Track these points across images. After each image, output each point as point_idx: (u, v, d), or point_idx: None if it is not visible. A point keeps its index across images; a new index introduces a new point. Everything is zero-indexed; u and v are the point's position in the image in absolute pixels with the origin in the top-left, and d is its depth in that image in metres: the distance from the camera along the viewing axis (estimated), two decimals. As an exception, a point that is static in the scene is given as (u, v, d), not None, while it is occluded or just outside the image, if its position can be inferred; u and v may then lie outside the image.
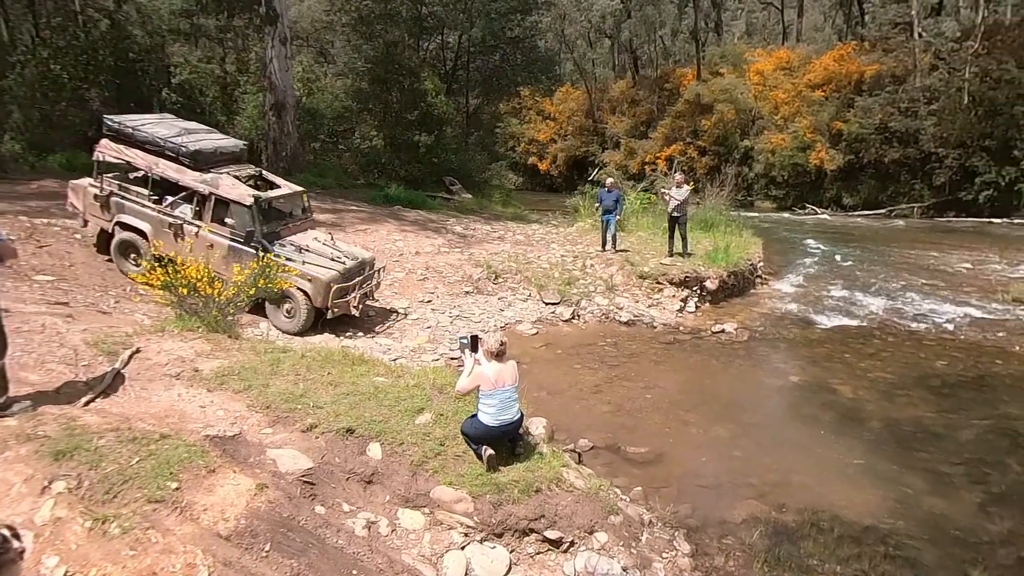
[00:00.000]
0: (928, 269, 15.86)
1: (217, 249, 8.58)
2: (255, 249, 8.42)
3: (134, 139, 8.92)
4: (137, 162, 8.94)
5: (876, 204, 29.93)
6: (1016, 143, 25.60)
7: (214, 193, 8.61)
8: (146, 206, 8.87)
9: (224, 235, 8.65)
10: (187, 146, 8.71)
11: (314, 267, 8.57)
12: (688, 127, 38.07)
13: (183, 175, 8.72)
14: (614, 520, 4.68)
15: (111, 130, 9.09)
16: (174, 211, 8.83)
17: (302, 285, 8.43)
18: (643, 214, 17.84)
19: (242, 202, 8.53)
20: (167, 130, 9.07)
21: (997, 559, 4.76)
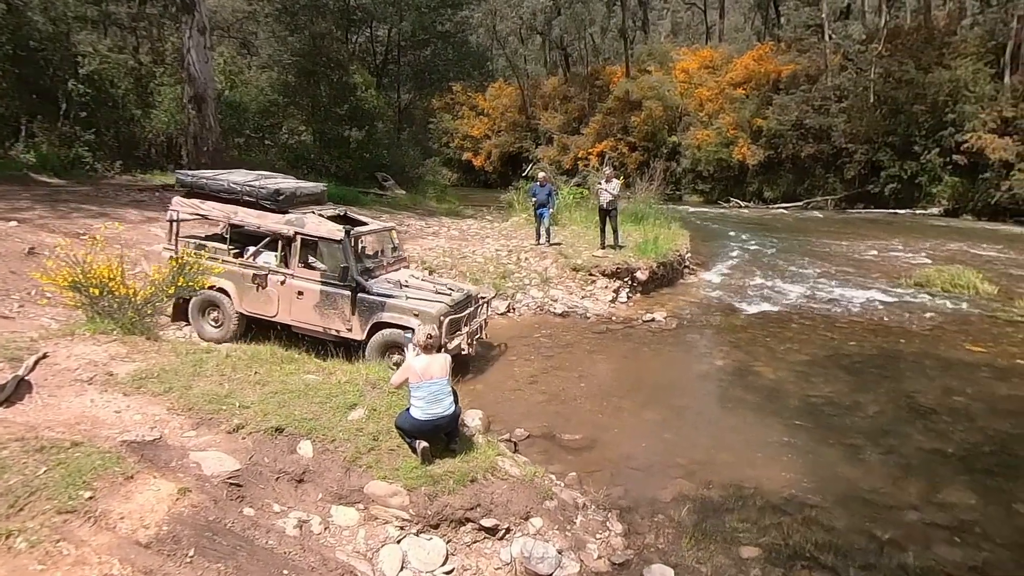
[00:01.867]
0: (840, 257, 16.89)
1: (308, 297, 7.69)
2: (352, 290, 7.60)
3: (209, 191, 8.17)
4: (214, 214, 8.14)
5: (794, 197, 31.58)
6: (916, 139, 27.57)
7: (300, 233, 7.70)
8: (226, 261, 7.92)
9: (314, 279, 7.71)
10: (267, 187, 7.90)
11: (419, 301, 7.63)
12: (619, 123, 38.97)
13: (264, 219, 7.87)
14: (549, 505, 4.77)
15: (183, 185, 8.41)
16: (256, 261, 7.97)
17: (408, 322, 7.40)
18: (576, 208, 18.15)
19: (332, 238, 7.65)
20: (242, 176, 8.39)
21: (902, 520, 5.13)
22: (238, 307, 7.93)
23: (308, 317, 7.75)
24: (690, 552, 4.60)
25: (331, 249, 7.73)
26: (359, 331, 7.64)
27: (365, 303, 7.61)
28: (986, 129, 25.21)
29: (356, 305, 7.61)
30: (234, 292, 7.92)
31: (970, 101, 25.98)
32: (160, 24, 24.66)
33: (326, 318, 7.70)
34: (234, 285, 7.92)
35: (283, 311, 7.84)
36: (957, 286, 13.00)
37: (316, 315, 7.72)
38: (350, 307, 7.62)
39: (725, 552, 4.63)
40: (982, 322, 10.98)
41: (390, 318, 7.53)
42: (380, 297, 7.62)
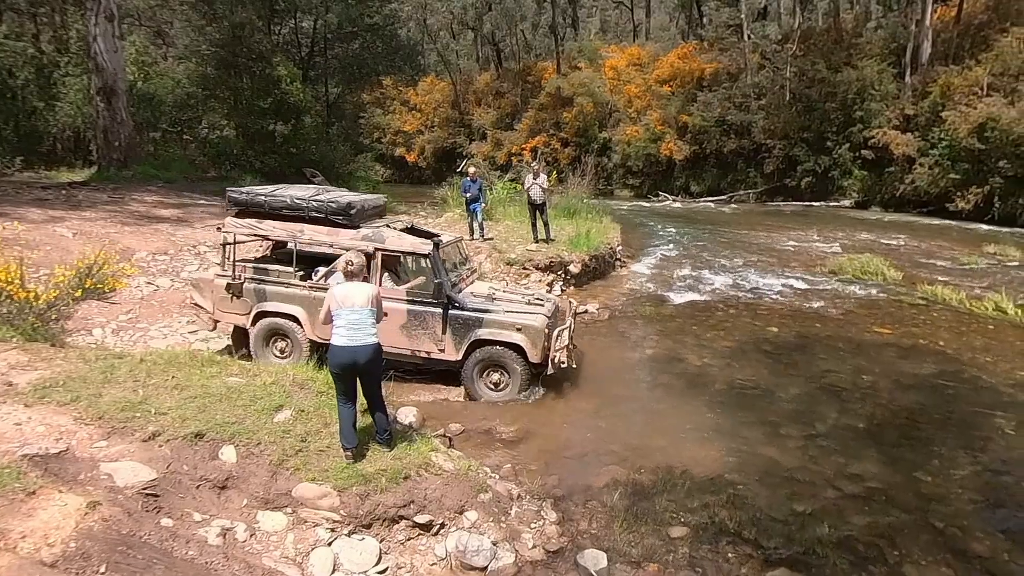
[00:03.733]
0: (762, 248, 17.69)
1: (393, 318, 6.94)
2: (443, 307, 7.04)
3: (268, 208, 7.33)
4: (276, 234, 7.43)
5: (719, 191, 32.80)
6: (828, 135, 29.16)
7: (380, 249, 7.06)
8: (293, 285, 7.35)
9: (400, 298, 7.13)
10: (337, 201, 7.24)
11: (520, 315, 7.15)
12: (551, 119, 39.34)
13: (337, 236, 7.20)
14: (484, 498, 4.77)
15: (237, 204, 7.49)
16: (327, 282, 7.20)
17: (511, 339, 6.97)
18: (510, 203, 18.22)
19: (418, 252, 7.12)
20: (303, 191, 7.64)
21: (818, 493, 5.43)
22: (310, 334, 7.26)
23: (393, 340, 7.01)
24: (622, 535, 4.72)
25: (416, 264, 7.27)
26: (453, 351, 7.13)
27: (459, 320, 7.07)
28: (890, 126, 26.94)
29: (449, 323, 7.06)
30: (305, 318, 7.25)
31: (875, 99, 27.69)
32: (63, 10, 23.04)
33: (414, 339, 7.16)
34: (305, 310, 7.26)
35: None
36: (867, 273, 13.87)
37: (403, 337, 7.14)
38: (442, 326, 7.06)
39: (655, 533, 4.77)
40: (888, 306, 11.75)
41: (490, 335, 7.03)
42: (476, 313, 7.09)
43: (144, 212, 12.85)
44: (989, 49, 25.03)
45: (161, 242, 10.73)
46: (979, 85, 24.12)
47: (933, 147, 25.01)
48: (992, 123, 22.36)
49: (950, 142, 24.02)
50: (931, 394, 7.76)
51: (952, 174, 24.06)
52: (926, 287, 12.54)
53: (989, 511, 5.25)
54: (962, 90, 24.65)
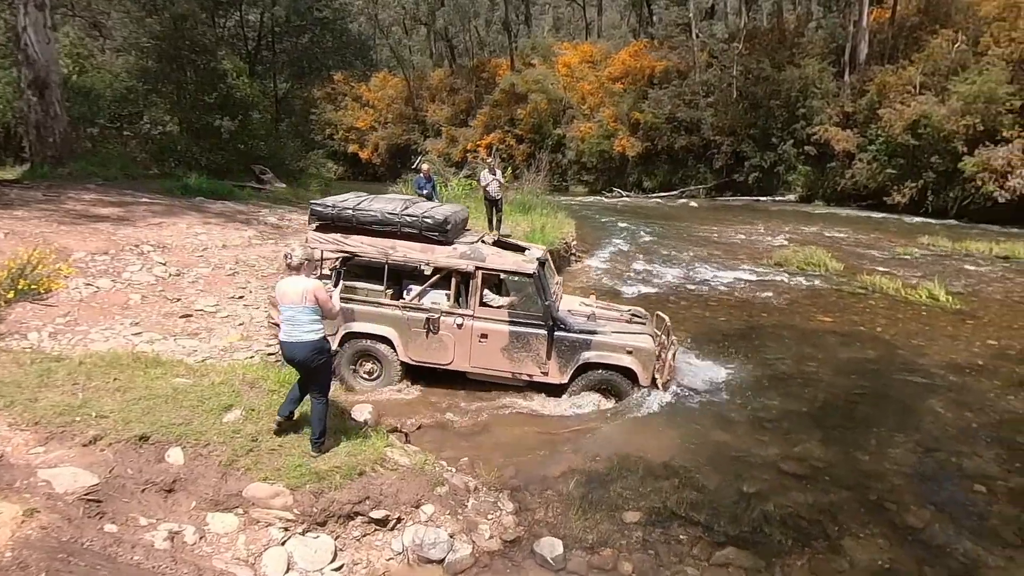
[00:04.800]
0: (711, 241, 18.16)
1: (494, 340, 6.78)
2: (549, 330, 6.74)
3: (357, 223, 6.81)
4: (366, 250, 6.84)
5: (670, 186, 33.47)
6: (774, 132, 30.11)
7: (481, 268, 6.68)
8: (384, 304, 6.89)
9: (501, 319, 6.80)
10: (433, 216, 6.76)
11: (630, 336, 6.92)
12: (505, 116, 39.42)
13: (432, 254, 6.76)
14: (440, 491, 4.77)
15: (322, 218, 6.91)
16: (422, 302, 6.90)
17: (621, 362, 6.79)
18: (466, 199, 18.20)
19: (522, 271, 6.76)
20: (391, 204, 7.05)
21: (764, 475, 5.64)
22: (403, 356, 6.95)
23: (494, 362, 6.86)
24: (577, 522, 4.80)
25: (517, 284, 6.91)
26: (558, 374, 6.88)
27: (566, 343, 6.79)
28: (831, 123, 28.00)
29: (554, 345, 6.79)
30: (398, 340, 6.89)
31: (817, 97, 28.73)
32: (-13, -1, 21.77)
33: (516, 362, 6.88)
34: (397, 332, 6.86)
35: (460, 357, 6.90)
36: (810, 264, 14.42)
37: (504, 360, 6.86)
38: (547, 348, 6.79)
39: (610, 519, 4.87)
40: (830, 295, 12.24)
41: (599, 358, 6.80)
42: (584, 335, 6.81)
43: (82, 211, 12.28)
44: (921, 50, 26.28)
45: (101, 242, 10.28)
46: (912, 84, 25.31)
47: (871, 143, 26.12)
48: (924, 120, 23.50)
49: (886, 139, 25.13)
50: (869, 377, 8.14)
51: (889, 169, 25.19)
52: (865, 277, 13.12)
53: (922, 485, 5.56)
54: (897, 89, 25.82)
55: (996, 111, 21.98)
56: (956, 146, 22.63)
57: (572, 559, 4.41)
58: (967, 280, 13.46)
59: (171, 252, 10.57)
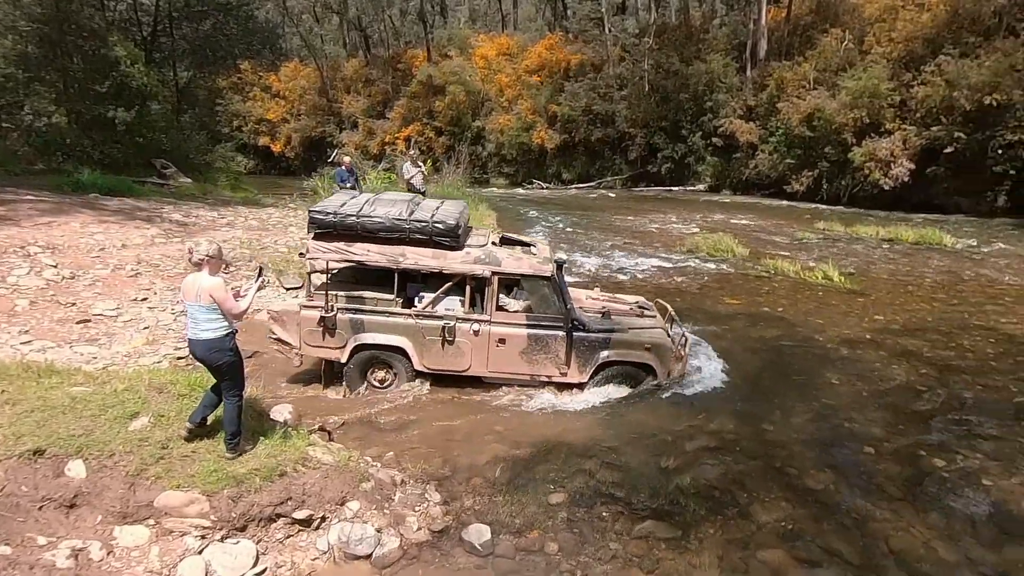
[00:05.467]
0: (628, 230, 18.76)
1: (512, 344, 6.69)
2: (568, 331, 6.66)
3: (362, 230, 6.42)
4: (373, 259, 6.45)
5: (588, 177, 34.25)
6: (683, 124, 31.39)
7: (498, 273, 6.52)
8: (395, 314, 6.64)
9: (519, 323, 6.69)
10: (444, 221, 6.47)
11: (646, 331, 6.98)
12: (424, 108, 38.97)
13: (445, 260, 6.50)
14: (366, 487, 4.73)
15: (323, 226, 6.44)
16: (436, 309, 6.68)
17: (641, 359, 6.86)
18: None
19: (539, 275, 6.58)
20: (394, 207, 6.64)
21: (679, 450, 5.93)
22: (418, 366, 6.77)
23: (512, 366, 6.81)
24: (504, 508, 4.88)
25: (536, 287, 6.67)
26: (578, 374, 6.89)
27: (585, 343, 6.80)
28: (736, 115, 29.53)
29: (574, 346, 6.77)
30: (412, 349, 6.71)
31: (722, 91, 30.20)
32: None
33: (535, 364, 6.83)
34: (411, 341, 6.68)
35: (478, 363, 6.80)
36: (719, 250, 15.19)
37: (522, 363, 6.80)
38: (566, 349, 6.76)
39: (536, 502, 4.99)
40: (737, 279, 12.96)
41: (619, 356, 6.85)
42: (602, 334, 6.81)
43: (-46, 211, 11.19)
44: (814, 47, 28.13)
45: (-21, 244, 9.41)
46: (807, 79, 27.07)
47: (772, 135, 27.76)
48: (818, 113, 25.20)
49: (785, 131, 26.78)
50: (773, 354, 8.70)
51: (788, 159, 26.86)
52: (768, 261, 13.98)
53: (819, 450, 6.02)
54: (793, 84, 27.53)
55: (880, 105, 23.87)
56: (846, 138, 24.42)
57: (500, 543, 4.49)
58: (857, 261, 14.60)
59: (63, 253, 9.83)
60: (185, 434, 4.56)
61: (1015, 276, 13.23)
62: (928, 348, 8.80)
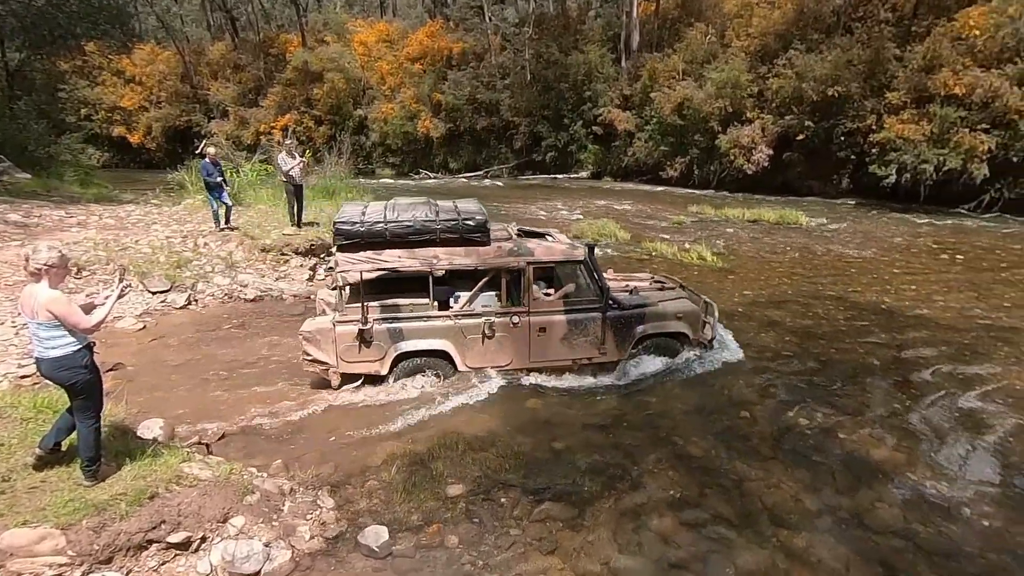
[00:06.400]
0: (515, 218, 18.96)
1: (552, 331, 6.82)
2: (602, 311, 6.84)
3: (392, 236, 6.39)
4: (405, 264, 6.36)
5: (475, 167, 34.31)
6: (565, 113, 32.20)
7: (532, 263, 6.62)
8: (432, 317, 6.58)
9: (557, 310, 6.80)
10: (474, 217, 6.56)
11: (674, 302, 7.39)
12: (301, 95, 37.23)
13: (479, 257, 6.54)
14: (251, 500, 4.44)
15: (350, 236, 6.34)
16: (473, 307, 6.69)
17: (677, 328, 7.23)
18: (262, 186, 16.93)
19: (573, 259, 6.77)
20: (420, 209, 6.63)
21: (573, 433, 6.09)
22: (461, 366, 6.75)
23: (553, 354, 6.92)
24: (402, 506, 4.78)
25: (571, 272, 6.80)
26: (616, 352, 7.10)
27: (621, 320, 6.99)
28: (613, 105, 30.72)
29: (610, 325, 6.93)
30: (455, 350, 6.69)
31: (600, 81, 31.27)
32: None
33: (575, 348, 6.96)
34: (452, 342, 6.66)
35: (520, 356, 6.86)
36: (603, 235, 15.77)
37: (564, 349, 6.92)
38: (602, 329, 6.92)
39: (434, 496, 4.92)
40: (621, 262, 13.49)
41: (655, 328, 7.15)
42: (636, 309, 7.05)
43: None
44: (681, 40, 29.80)
45: None
46: (676, 71, 28.64)
47: (647, 123, 29.17)
48: (687, 103, 26.78)
49: (659, 119, 28.23)
50: (656, 332, 9.14)
51: (662, 147, 28.36)
52: (648, 244, 14.70)
53: (699, 419, 6.41)
54: (665, 75, 29.04)
55: (741, 95, 25.76)
56: (713, 126, 26.16)
57: (399, 542, 4.39)
58: (727, 241, 15.72)
59: None
60: (34, 462, 4.05)
61: (857, 250, 14.83)
62: (790, 318, 9.64)
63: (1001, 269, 12.70)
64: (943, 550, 4.46)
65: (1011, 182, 19.38)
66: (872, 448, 5.82)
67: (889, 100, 21.61)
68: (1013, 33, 19.37)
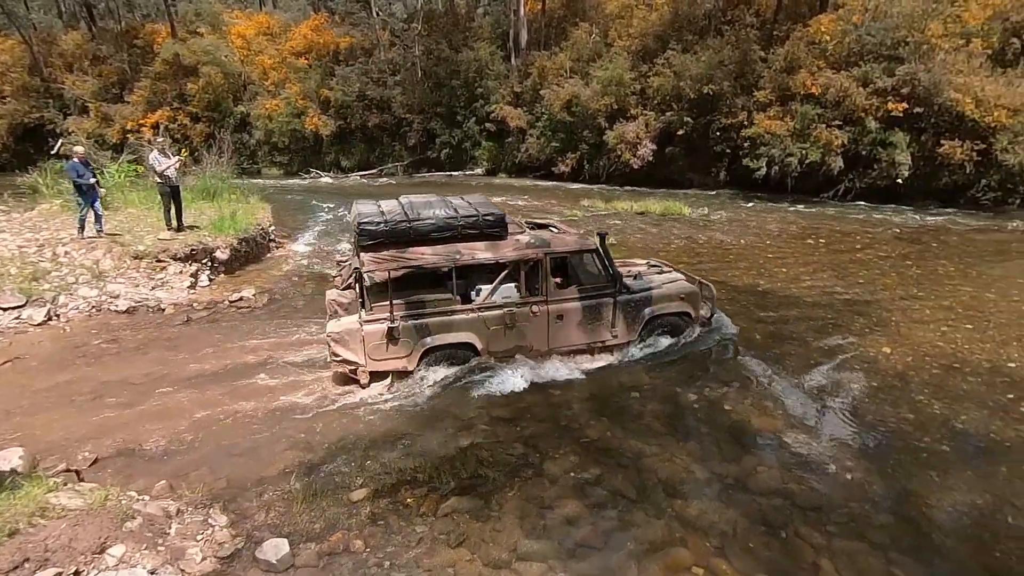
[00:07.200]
0: (413, 216, 18.75)
1: (569, 317, 7.22)
2: (613, 296, 7.26)
3: (415, 234, 6.56)
4: (430, 261, 6.48)
5: (369, 165, 33.48)
6: (458, 110, 32.15)
7: (550, 253, 7.00)
8: (456, 311, 6.80)
9: (572, 297, 7.20)
10: (492, 212, 6.97)
11: (675, 283, 7.83)
12: (173, 90, 34.66)
13: (499, 250, 6.84)
14: (132, 526, 4.12)
15: (375, 236, 6.43)
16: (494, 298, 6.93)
17: (681, 308, 7.72)
18: (132, 188, 15.60)
19: (587, 248, 7.19)
20: (437, 207, 6.93)
21: (477, 429, 6.12)
22: (485, 356, 7.04)
23: (571, 338, 7.30)
24: (303, 516, 4.62)
25: (586, 260, 7.27)
26: (627, 334, 7.53)
27: (631, 304, 7.42)
28: (505, 102, 31.03)
29: (621, 308, 7.34)
30: (480, 342, 6.95)
31: (491, 78, 31.48)
32: None
33: (590, 333, 7.35)
34: (476, 334, 6.92)
35: (539, 343, 7.21)
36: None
37: (580, 333, 7.31)
38: (613, 313, 7.33)
39: (337, 503, 4.79)
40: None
41: (661, 309, 7.57)
42: (644, 292, 7.48)
43: None
44: (567, 39, 30.62)
45: None
46: (564, 69, 29.40)
47: (538, 120, 29.72)
48: (575, 100, 27.57)
49: (549, 116, 28.85)
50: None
51: (554, 143, 29.02)
52: (544, 237, 14.99)
53: (594, 404, 6.64)
54: (553, 72, 29.72)
55: (625, 93, 26.86)
56: (600, 122, 27.10)
57: (300, 554, 4.24)
58: (617, 234, 16.37)
59: None
60: None
61: (735, 238, 15.96)
62: (676, 303, 10.22)
63: (856, 251, 14.15)
64: (815, 504, 4.93)
65: (861, 172, 21.59)
66: (753, 417, 6.32)
67: (757, 98, 23.36)
68: (857, 39, 21.56)
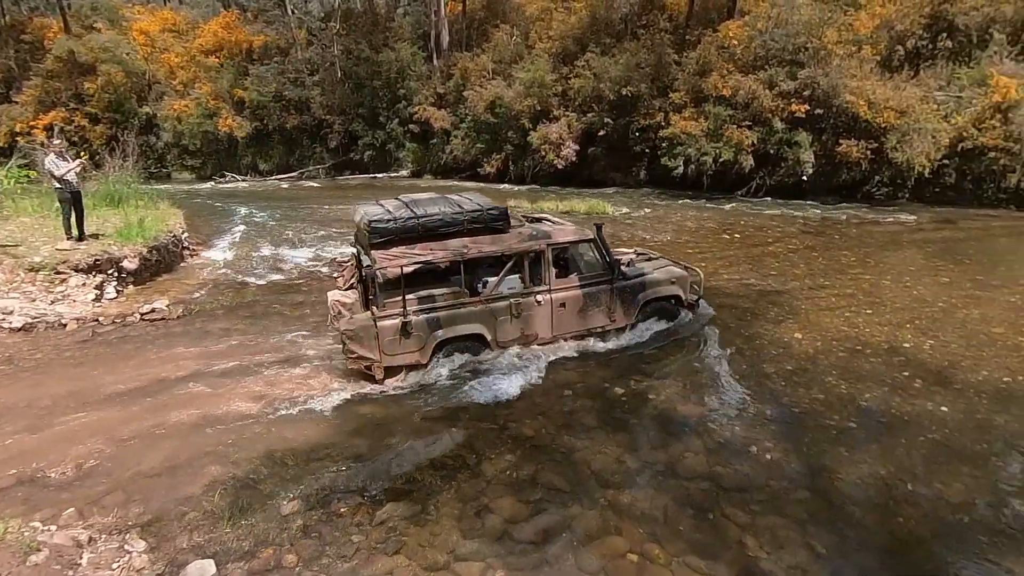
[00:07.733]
0: (336, 220, 18.33)
1: (571, 305, 7.52)
2: (610, 282, 7.66)
3: (424, 230, 6.74)
4: (439, 256, 6.72)
5: (288, 168, 32.45)
6: (380, 111, 31.68)
7: (551, 244, 7.28)
8: (466, 304, 7.00)
9: (573, 285, 7.52)
10: (496, 207, 7.14)
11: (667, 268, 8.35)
12: (68, 89, 32.36)
13: (503, 243, 7.04)
14: (36, 559, 3.81)
15: (385, 234, 6.60)
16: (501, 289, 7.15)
17: (672, 292, 8.18)
18: (24, 195, 14.41)
19: (585, 238, 7.56)
20: (441, 203, 7.09)
21: (410, 431, 6.05)
22: (494, 346, 7.30)
23: (572, 325, 7.65)
24: (230, 534, 4.42)
25: (584, 249, 7.69)
26: (624, 318, 7.91)
27: (627, 289, 7.80)
28: (428, 103, 30.84)
29: (617, 295, 7.71)
30: (488, 332, 7.21)
31: (413, 79, 31.21)
32: None
33: (590, 319, 7.69)
34: (485, 325, 7.17)
35: (543, 330, 7.52)
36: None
37: (580, 320, 7.65)
38: (610, 299, 7.70)
39: (266, 518, 4.62)
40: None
41: (656, 293, 8.00)
42: (638, 278, 7.88)
43: None
44: (489, 41, 30.76)
45: None
46: (486, 70, 29.52)
47: (462, 121, 29.73)
48: (499, 101, 27.75)
49: (473, 117, 28.91)
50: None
51: (478, 144, 29.11)
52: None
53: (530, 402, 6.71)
54: (476, 73, 29.79)
55: (547, 94, 27.28)
56: (524, 123, 27.40)
57: (229, 574, 4.05)
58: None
59: None
60: None
61: (656, 234, 16.52)
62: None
63: (768, 244, 14.96)
64: (739, 485, 5.18)
65: (771, 171, 22.86)
66: (679, 405, 6.57)
67: (673, 100, 24.29)
68: (763, 44, 22.82)
